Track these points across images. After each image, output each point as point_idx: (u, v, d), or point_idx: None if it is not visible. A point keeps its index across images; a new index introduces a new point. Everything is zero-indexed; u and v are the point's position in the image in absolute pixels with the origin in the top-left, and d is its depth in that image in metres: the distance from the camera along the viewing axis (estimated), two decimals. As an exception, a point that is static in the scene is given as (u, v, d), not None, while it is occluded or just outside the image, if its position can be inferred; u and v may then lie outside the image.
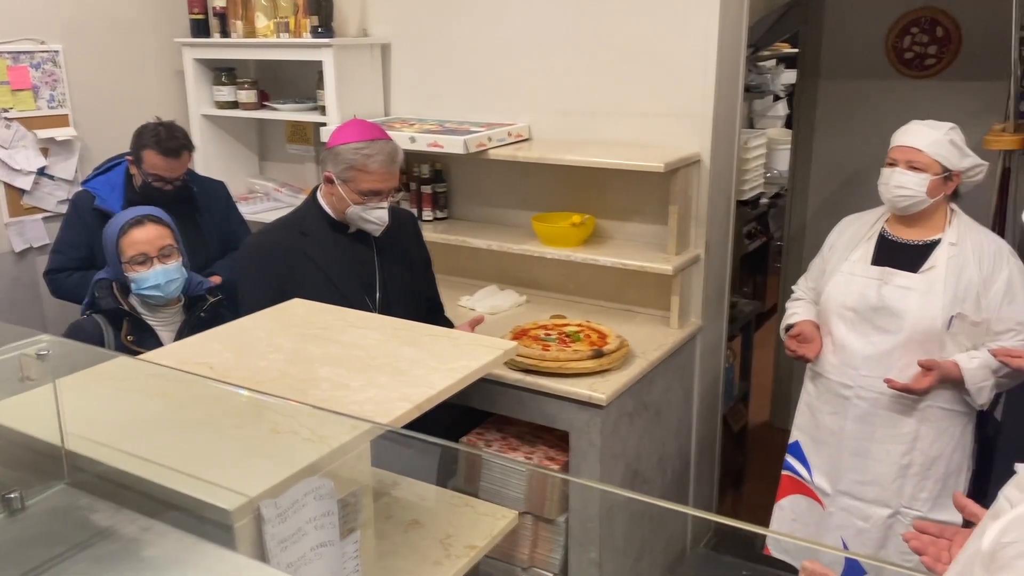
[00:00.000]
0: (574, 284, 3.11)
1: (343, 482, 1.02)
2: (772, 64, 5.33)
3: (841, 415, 2.39)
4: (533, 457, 2.58)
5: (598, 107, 2.90)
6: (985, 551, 1.00)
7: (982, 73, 3.43)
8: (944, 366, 2.20)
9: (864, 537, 2.40)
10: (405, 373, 1.29)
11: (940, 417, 2.29)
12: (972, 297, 2.21)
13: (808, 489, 2.52)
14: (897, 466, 2.33)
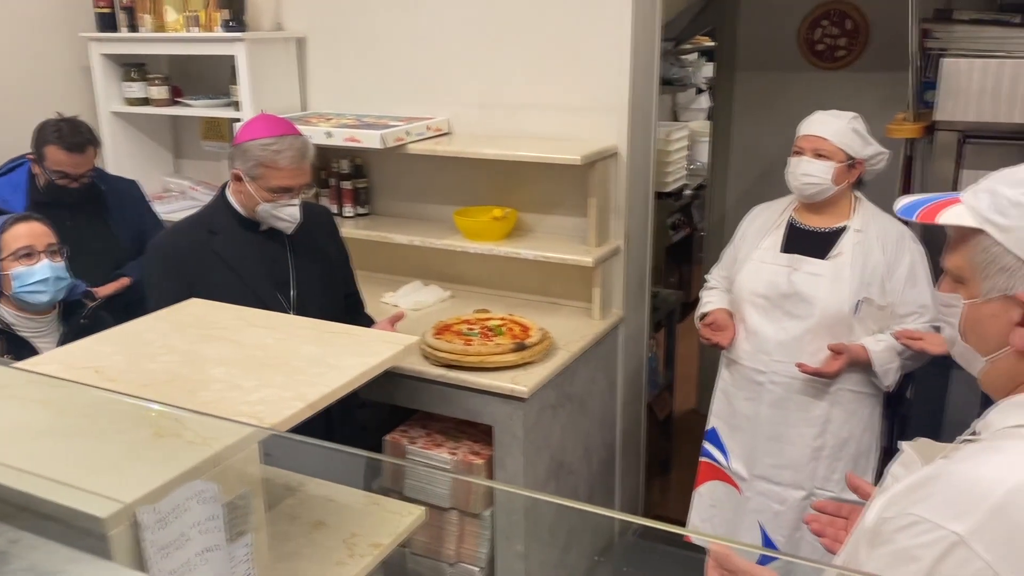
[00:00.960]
0: (498, 278, 3.11)
1: (231, 484, 1.00)
2: (694, 57, 5.41)
3: (756, 400, 2.44)
4: (458, 452, 2.57)
5: (517, 100, 2.91)
6: (869, 527, 1.04)
7: (889, 64, 3.53)
8: (853, 349, 2.26)
9: (780, 520, 2.46)
10: (302, 372, 1.26)
11: (850, 399, 2.36)
12: (877, 282, 2.27)
13: (725, 475, 2.57)
14: (810, 449, 2.39)
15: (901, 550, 0.93)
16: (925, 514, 0.92)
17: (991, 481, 0.90)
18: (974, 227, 1.00)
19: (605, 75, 2.74)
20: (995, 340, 1.01)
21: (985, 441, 1.00)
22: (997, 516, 0.87)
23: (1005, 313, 0.99)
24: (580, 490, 2.84)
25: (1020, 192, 0.97)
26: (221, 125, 3.47)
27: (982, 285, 1.00)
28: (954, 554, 0.88)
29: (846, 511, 1.36)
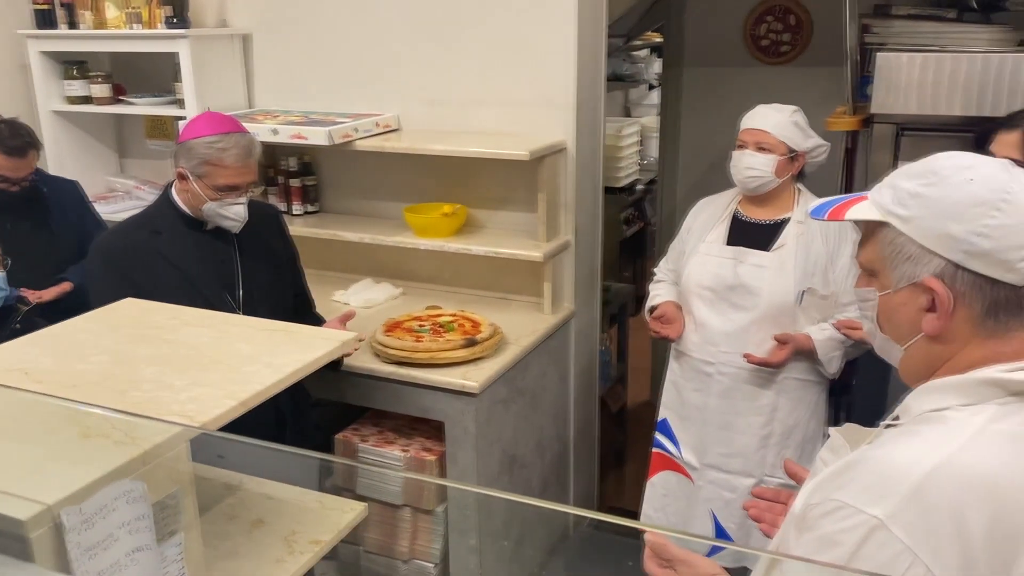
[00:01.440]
0: (449, 274, 3.11)
1: (160, 484, 0.99)
2: (645, 54, 5.47)
3: (705, 391, 2.47)
4: (410, 449, 2.57)
5: (466, 96, 2.91)
6: (797, 513, 1.06)
7: (831, 59, 3.58)
8: (797, 339, 2.31)
9: (732, 507, 2.49)
10: (235, 370, 1.25)
11: (796, 387, 2.40)
12: (820, 272, 2.32)
13: (677, 465, 2.60)
14: (758, 437, 2.43)
15: (825, 535, 0.95)
16: (846, 499, 0.94)
17: (908, 465, 0.92)
18: (879, 220, 1.03)
19: (552, 71, 2.75)
20: (908, 328, 1.04)
21: (904, 426, 1.02)
22: (914, 499, 0.89)
23: (914, 301, 1.01)
24: (533, 484, 2.86)
25: (918, 184, 1.00)
26: (166, 123, 3.42)
27: (891, 276, 1.03)
28: (874, 538, 0.90)
29: (784, 497, 1.39)
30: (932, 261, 0.98)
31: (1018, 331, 0.97)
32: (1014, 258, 0.94)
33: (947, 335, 1.00)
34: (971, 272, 0.96)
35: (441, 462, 2.54)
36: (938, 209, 0.97)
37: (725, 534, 2.53)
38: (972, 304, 0.97)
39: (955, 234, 0.96)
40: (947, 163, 1.00)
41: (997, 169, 0.98)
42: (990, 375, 0.97)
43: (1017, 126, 1.94)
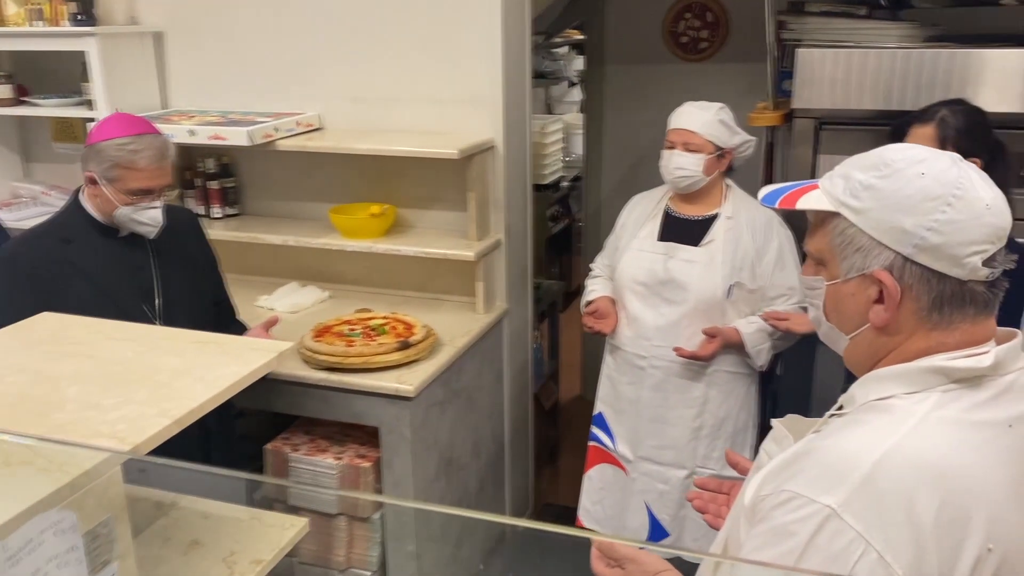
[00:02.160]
0: (378, 276, 3.05)
1: (91, 512, 0.92)
2: (565, 51, 5.49)
3: (638, 385, 2.49)
4: (343, 457, 2.51)
5: (391, 94, 2.86)
6: (747, 505, 1.06)
7: (749, 55, 3.67)
8: (726, 332, 2.34)
9: (666, 499, 2.52)
10: (166, 386, 1.19)
11: (726, 380, 2.44)
12: (748, 266, 2.36)
13: (613, 458, 2.62)
14: (690, 429, 2.46)
15: (778, 526, 0.95)
16: (798, 489, 0.94)
17: (858, 454, 0.94)
18: (831, 210, 1.04)
19: (478, 68, 2.72)
20: (855, 318, 1.05)
21: (851, 415, 1.03)
22: (865, 487, 0.91)
23: (863, 291, 1.02)
24: (471, 485, 2.83)
25: (871, 176, 1.01)
26: (74, 125, 3.25)
27: (841, 266, 1.04)
28: (828, 526, 0.91)
29: (727, 487, 1.40)
30: (883, 254, 0.99)
31: (961, 323, 0.99)
32: (962, 253, 0.96)
33: (893, 326, 1.02)
34: (920, 266, 0.98)
35: (376, 468, 2.49)
36: (891, 202, 0.99)
37: (659, 525, 2.56)
38: (919, 297, 0.99)
39: (907, 228, 0.97)
40: (900, 155, 1.01)
41: (948, 164, 1.00)
42: (934, 363, 0.99)
43: (931, 120, 2.01)
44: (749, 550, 0.99)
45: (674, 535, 2.54)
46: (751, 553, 0.99)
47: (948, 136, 1.97)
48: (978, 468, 0.93)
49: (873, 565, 0.89)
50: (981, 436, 0.95)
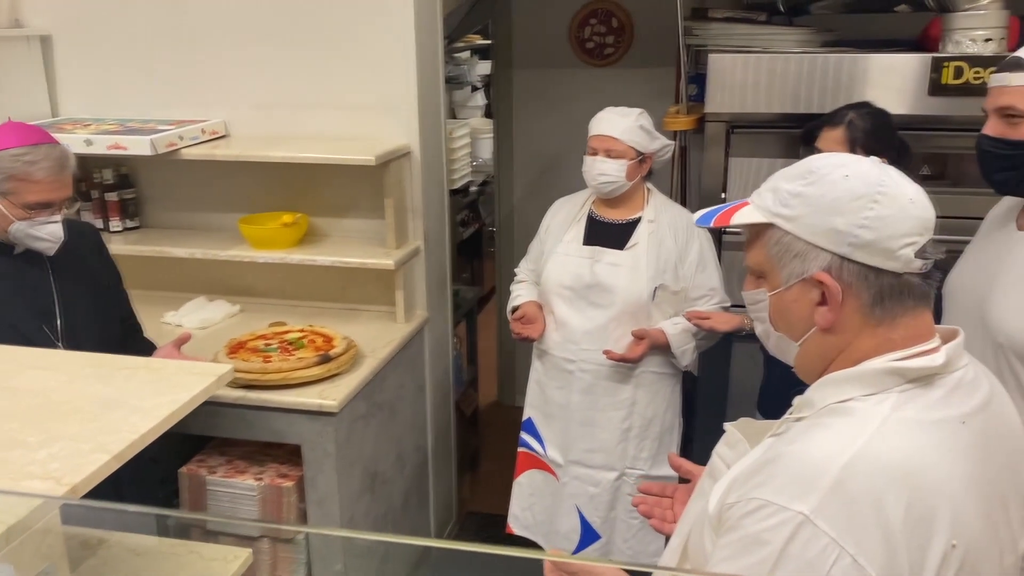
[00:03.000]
0: (292, 287, 2.95)
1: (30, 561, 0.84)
2: (467, 55, 5.47)
3: (567, 389, 2.50)
4: (264, 477, 2.42)
5: (301, 100, 2.77)
6: (712, 514, 1.05)
7: (653, 60, 3.75)
8: (652, 334, 2.38)
9: (596, 502, 2.54)
10: (99, 419, 1.09)
11: (652, 381, 2.48)
12: (671, 268, 2.40)
13: (543, 463, 2.62)
14: (619, 431, 2.48)
15: (750, 535, 0.95)
16: (769, 497, 0.94)
17: (825, 459, 0.94)
18: (765, 222, 1.06)
19: (391, 72, 2.67)
20: (802, 323, 1.07)
21: (811, 419, 1.03)
22: (836, 492, 0.91)
23: (806, 296, 1.05)
24: (395, 499, 2.77)
25: (797, 185, 1.04)
26: (-51, 134, 3.01)
27: (781, 274, 1.06)
28: (801, 533, 0.91)
29: (670, 491, 1.40)
30: (820, 256, 1.02)
31: (903, 317, 1.02)
32: (894, 246, 0.99)
33: (839, 326, 1.04)
34: (857, 263, 1.01)
35: (299, 487, 2.41)
36: (820, 205, 1.02)
37: (590, 528, 2.57)
38: (860, 294, 1.02)
39: (839, 228, 1.00)
40: (823, 163, 1.05)
41: (869, 165, 1.04)
42: (888, 365, 1.01)
43: (840, 122, 2.10)
44: (720, 560, 0.98)
45: (605, 537, 2.56)
46: (722, 563, 0.98)
47: (857, 138, 2.05)
48: (939, 466, 0.96)
49: (847, 569, 0.89)
50: (939, 435, 0.98)
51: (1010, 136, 1.55)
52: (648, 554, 2.55)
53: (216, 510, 2.39)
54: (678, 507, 1.36)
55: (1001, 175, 1.60)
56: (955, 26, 2.27)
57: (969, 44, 2.24)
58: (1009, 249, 1.62)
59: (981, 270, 1.62)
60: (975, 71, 2.22)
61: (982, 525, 0.97)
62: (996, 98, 1.58)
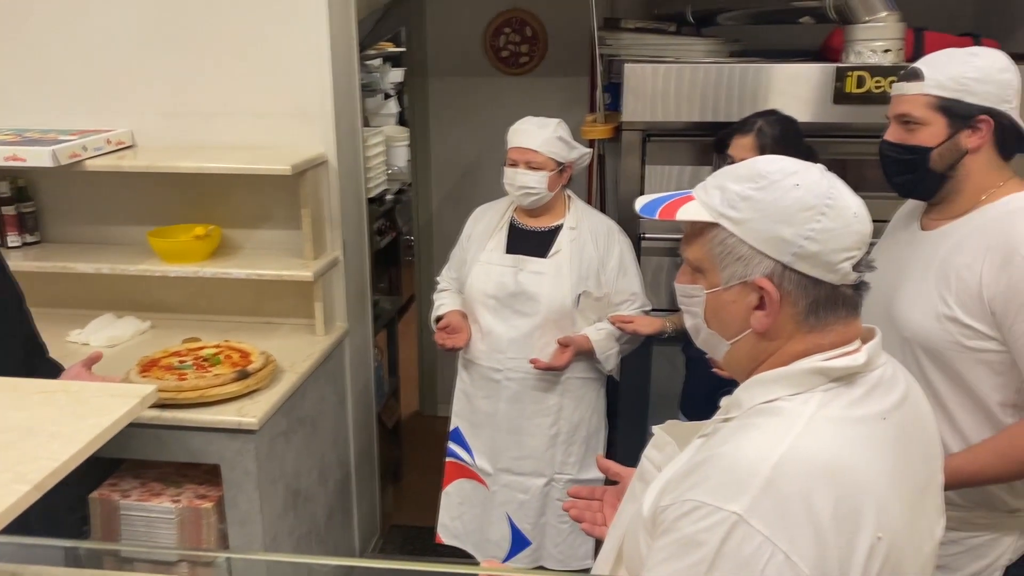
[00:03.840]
0: (205, 302, 2.86)
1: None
2: (379, 63, 5.42)
3: (494, 398, 2.50)
4: (181, 499, 2.33)
5: (213, 108, 2.69)
6: (647, 517, 1.06)
7: (567, 69, 3.80)
8: (578, 340, 2.40)
9: (526, 508, 2.54)
10: (14, 446, 1.03)
11: (578, 387, 2.50)
12: (593, 275, 2.43)
13: (471, 472, 2.61)
14: (547, 437, 2.50)
15: (685, 537, 0.96)
16: (703, 498, 0.96)
17: (756, 458, 0.96)
18: (710, 221, 1.07)
19: (307, 80, 2.62)
20: (736, 324, 1.08)
21: (739, 420, 1.05)
22: (767, 491, 0.93)
23: (744, 298, 1.06)
24: (319, 515, 2.72)
25: (747, 187, 1.05)
26: None
27: (721, 274, 1.07)
28: (736, 533, 0.92)
29: (599, 493, 1.41)
30: (763, 262, 1.03)
31: (834, 325, 1.05)
32: (835, 260, 1.02)
33: (773, 331, 1.06)
34: (798, 273, 1.03)
35: (219, 508, 2.33)
36: (769, 212, 1.03)
37: (520, 535, 2.58)
38: (797, 302, 1.04)
39: (786, 237, 1.02)
40: (773, 167, 1.06)
41: (819, 175, 1.05)
42: (813, 365, 1.04)
43: (750, 130, 2.17)
44: (656, 562, 0.99)
45: (535, 543, 2.57)
46: (659, 565, 0.98)
47: (766, 144, 2.12)
48: (864, 462, 0.99)
49: (781, 567, 0.91)
50: (862, 431, 1.01)
51: (908, 141, 1.63)
52: (578, 557, 2.58)
53: (131, 535, 2.29)
54: (608, 510, 1.37)
55: (901, 178, 1.68)
56: (856, 37, 2.38)
57: (870, 55, 2.35)
58: (913, 248, 1.70)
59: (888, 269, 1.69)
60: (876, 80, 2.33)
61: (904, 516, 1.01)
62: (895, 106, 1.66)
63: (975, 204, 1.62)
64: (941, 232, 1.65)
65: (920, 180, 1.65)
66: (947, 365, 1.59)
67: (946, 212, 1.66)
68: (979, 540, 1.64)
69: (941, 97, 1.57)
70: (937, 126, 1.59)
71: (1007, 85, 1.57)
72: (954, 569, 1.65)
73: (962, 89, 1.56)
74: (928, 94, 1.58)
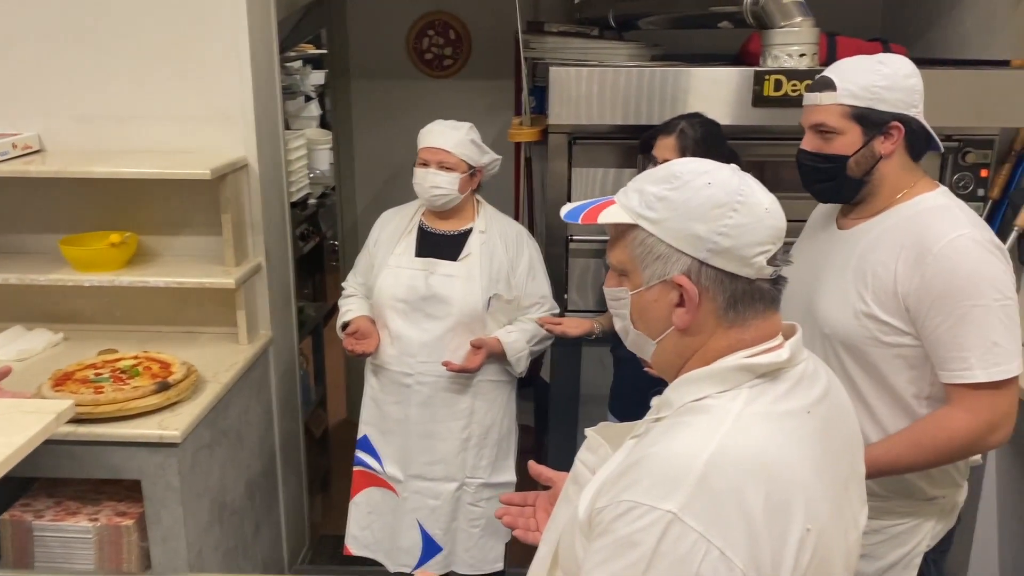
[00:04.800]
0: (123, 312, 2.76)
1: None
2: (300, 65, 5.32)
3: (404, 403, 2.49)
4: (99, 518, 2.24)
5: (127, 112, 2.59)
6: (582, 520, 1.06)
7: (492, 72, 3.81)
8: (490, 343, 2.41)
9: (437, 514, 2.54)
10: (-81, 468, 0.97)
11: (489, 389, 2.51)
12: (504, 278, 2.45)
13: (381, 480, 2.59)
14: (459, 441, 2.50)
15: (621, 538, 0.96)
16: (637, 498, 0.96)
17: (688, 456, 0.98)
18: (630, 222, 1.09)
19: (226, 83, 2.56)
20: (660, 323, 1.11)
21: (670, 419, 1.07)
22: (701, 488, 0.95)
23: (665, 297, 1.09)
24: (246, 529, 2.65)
25: (663, 188, 1.08)
26: None
27: (643, 274, 1.09)
28: (671, 531, 0.93)
29: (532, 499, 1.41)
30: (680, 260, 1.06)
31: (754, 319, 1.08)
32: (749, 254, 1.05)
33: (695, 327, 1.08)
34: (714, 268, 1.05)
35: (140, 525, 2.25)
36: (683, 211, 1.05)
37: (432, 541, 2.57)
38: (715, 298, 1.07)
39: (700, 233, 1.04)
40: (686, 168, 1.09)
41: (730, 173, 1.09)
42: (738, 362, 1.07)
43: (672, 132, 2.21)
44: (593, 564, 0.99)
45: (447, 548, 2.56)
46: (596, 567, 0.98)
47: (688, 146, 2.17)
48: (791, 455, 1.01)
49: (716, 563, 0.93)
50: (788, 425, 1.04)
51: (825, 150, 1.68)
52: (489, 561, 2.59)
53: (46, 559, 2.19)
54: (540, 515, 1.37)
55: (820, 186, 1.74)
56: (773, 42, 2.45)
57: (786, 59, 2.42)
58: (831, 247, 1.76)
59: (807, 267, 1.74)
60: (792, 84, 2.40)
61: (830, 507, 1.04)
62: (809, 116, 1.71)
63: (890, 204, 1.68)
64: (857, 231, 1.71)
65: (839, 187, 1.70)
66: (865, 360, 1.64)
67: (862, 212, 1.72)
68: (900, 528, 1.70)
69: (855, 107, 1.63)
70: (852, 135, 1.64)
71: (913, 91, 1.64)
72: (877, 557, 1.71)
73: (874, 98, 1.62)
74: (842, 104, 1.64)
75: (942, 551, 1.76)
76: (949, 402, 1.58)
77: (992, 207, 2.64)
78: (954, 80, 2.45)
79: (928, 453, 1.59)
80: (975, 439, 1.57)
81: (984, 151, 2.57)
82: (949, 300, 1.53)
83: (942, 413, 1.59)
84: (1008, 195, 2.63)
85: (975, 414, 1.55)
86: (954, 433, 1.56)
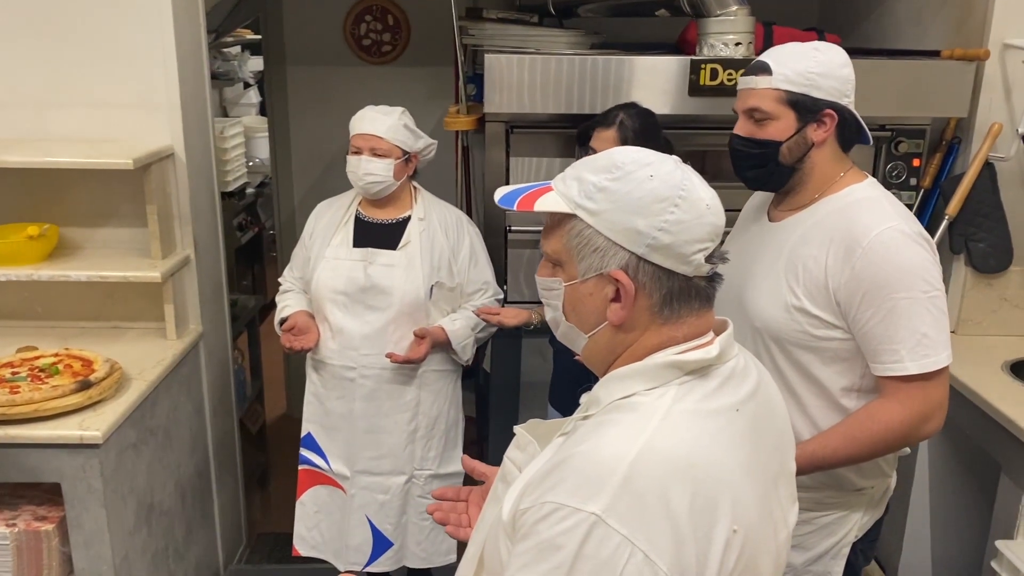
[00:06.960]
0: (42, 307, 2.65)
1: None
2: (237, 51, 5.20)
3: (348, 398, 2.43)
4: (17, 523, 2.15)
5: (44, 98, 2.49)
6: (507, 520, 1.03)
7: (431, 59, 3.74)
8: (434, 332, 2.36)
9: (387, 509, 2.49)
10: None
11: (435, 379, 2.47)
12: (445, 265, 2.40)
13: (327, 478, 2.53)
14: (406, 433, 2.45)
15: (544, 541, 0.93)
16: (561, 500, 0.94)
17: (613, 457, 0.95)
18: (568, 212, 1.05)
19: (149, 68, 2.46)
20: (594, 317, 1.07)
21: (598, 417, 1.04)
22: (625, 489, 0.92)
23: (600, 291, 1.05)
24: (177, 530, 2.57)
25: (603, 178, 1.04)
26: None
27: (578, 266, 1.06)
28: (594, 534, 0.91)
29: (464, 494, 1.38)
30: (618, 254, 1.02)
31: (688, 317, 1.05)
32: (688, 251, 1.02)
33: (629, 323, 1.05)
34: (652, 264, 1.02)
35: (62, 529, 2.16)
36: (624, 203, 1.02)
37: (382, 536, 2.52)
38: (651, 294, 1.03)
39: (640, 228, 1.01)
40: (628, 158, 1.05)
41: (673, 167, 1.05)
42: (667, 359, 1.04)
43: (612, 123, 2.18)
44: (516, 568, 0.96)
45: (398, 543, 2.52)
46: (519, 572, 0.95)
47: (627, 137, 2.14)
48: (719, 455, 0.99)
49: (640, 566, 0.90)
50: (717, 423, 1.02)
51: (758, 135, 1.66)
52: (441, 553, 2.55)
53: (-42, 568, 2.09)
54: (473, 510, 1.34)
55: (752, 172, 1.72)
56: (709, 31, 2.43)
57: (722, 48, 2.41)
58: (762, 239, 1.75)
59: (738, 259, 1.72)
60: (728, 73, 2.39)
61: (758, 507, 1.02)
62: (744, 100, 1.69)
63: (820, 194, 1.67)
64: (788, 223, 1.70)
65: (770, 174, 1.69)
66: (796, 353, 1.64)
67: (792, 203, 1.71)
68: (829, 519, 1.71)
69: (790, 92, 1.61)
70: (786, 120, 1.63)
71: (846, 80, 1.63)
72: (807, 548, 1.71)
73: (809, 84, 1.60)
74: (777, 88, 1.62)
75: (871, 540, 1.77)
76: (882, 394, 1.59)
77: (924, 196, 2.68)
78: (887, 70, 2.46)
79: (863, 446, 1.59)
80: (909, 430, 1.57)
81: (916, 140, 2.60)
82: (879, 293, 1.53)
83: (875, 406, 1.59)
84: (939, 184, 2.67)
85: (908, 406, 1.55)
86: (888, 425, 1.57)
